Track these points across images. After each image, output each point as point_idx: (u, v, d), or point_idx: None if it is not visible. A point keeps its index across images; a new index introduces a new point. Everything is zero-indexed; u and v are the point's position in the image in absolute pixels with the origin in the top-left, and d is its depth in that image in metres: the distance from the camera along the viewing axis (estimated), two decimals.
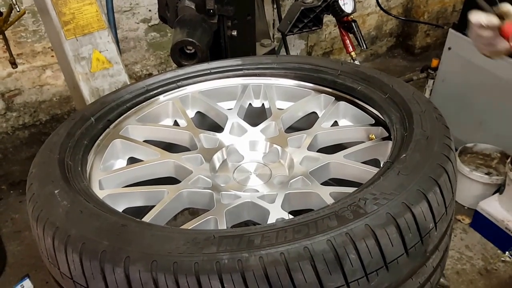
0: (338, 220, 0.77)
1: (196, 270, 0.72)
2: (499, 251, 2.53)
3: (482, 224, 2.59)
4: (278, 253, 0.72)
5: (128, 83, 1.66)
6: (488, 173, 2.68)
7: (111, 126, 1.22)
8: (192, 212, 1.35)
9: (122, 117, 1.26)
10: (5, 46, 2.19)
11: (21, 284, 2.37)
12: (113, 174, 1.11)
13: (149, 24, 3.16)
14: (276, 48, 2.56)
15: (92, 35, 1.62)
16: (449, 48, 2.83)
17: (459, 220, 2.71)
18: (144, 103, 1.32)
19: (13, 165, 3.04)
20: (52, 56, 2.86)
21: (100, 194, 1.01)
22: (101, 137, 1.18)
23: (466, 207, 2.79)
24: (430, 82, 3.02)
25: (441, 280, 1.00)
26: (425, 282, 0.86)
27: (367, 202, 0.80)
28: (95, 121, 1.19)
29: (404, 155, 0.91)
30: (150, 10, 3.09)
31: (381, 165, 1.13)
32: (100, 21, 1.63)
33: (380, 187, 0.84)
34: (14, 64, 2.16)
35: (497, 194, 2.61)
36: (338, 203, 0.83)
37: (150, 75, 3.29)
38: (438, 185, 0.85)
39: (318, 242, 0.73)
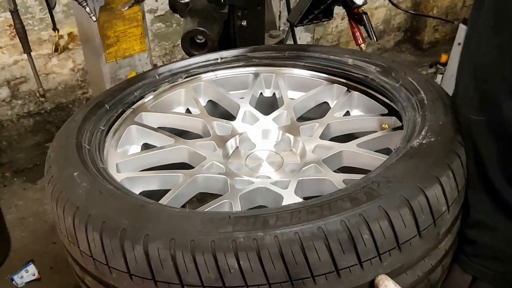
0: (352, 202, 0.78)
1: (213, 248, 0.73)
2: None
3: None
4: (293, 233, 0.74)
5: None
6: None
7: (126, 113, 1.24)
8: (200, 200, 1.36)
9: (137, 104, 1.27)
10: (13, 33, 2.19)
11: (25, 269, 2.40)
12: (130, 159, 1.13)
13: (155, 14, 3.16)
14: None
15: (132, 58, 1.58)
16: (459, 44, 2.84)
17: None
18: (157, 91, 1.33)
19: (17, 152, 3.05)
20: None
21: (118, 177, 1.03)
22: (116, 123, 1.19)
23: None
24: (439, 77, 3.02)
25: None
26: (437, 264, 0.88)
27: (380, 184, 0.81)
28: (110, 107, 1.21)
29: (417, 140, 0.92)
30: (156, 1, 3.09)
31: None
32: (142, 44, 1.58)
33: (393, 171, 0.85)
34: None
35: None
36: (351, 185, 0.84)
37: (155, 66, 3.29)
38: (451, 169, 0.86)
39: (332, 222, 0.75)
